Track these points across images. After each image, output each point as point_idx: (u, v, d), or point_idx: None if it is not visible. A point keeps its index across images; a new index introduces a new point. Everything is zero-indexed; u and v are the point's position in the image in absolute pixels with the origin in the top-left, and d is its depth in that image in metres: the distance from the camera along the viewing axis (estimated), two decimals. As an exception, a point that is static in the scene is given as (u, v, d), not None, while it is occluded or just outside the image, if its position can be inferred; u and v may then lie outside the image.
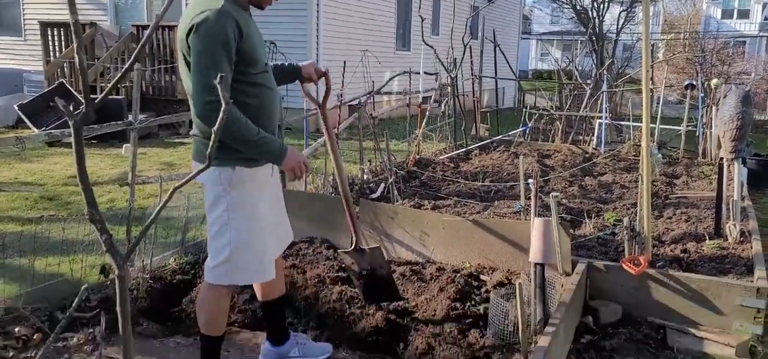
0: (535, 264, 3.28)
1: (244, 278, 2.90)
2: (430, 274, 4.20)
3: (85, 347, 3.26)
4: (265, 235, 2.91)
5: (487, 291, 4.02)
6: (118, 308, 2.32)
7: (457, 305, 3.73)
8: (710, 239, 5.11)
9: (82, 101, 1.61)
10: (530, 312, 3.45)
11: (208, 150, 1.96)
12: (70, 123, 1.60)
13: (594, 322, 4.12)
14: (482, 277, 4.36)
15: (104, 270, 3.91)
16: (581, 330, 4.02)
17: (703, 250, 4.91)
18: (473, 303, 3.82)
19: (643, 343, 3.89)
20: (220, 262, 2.80)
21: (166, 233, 4.99)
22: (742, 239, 5.06)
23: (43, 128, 10.08)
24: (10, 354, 3.12)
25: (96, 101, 1.82)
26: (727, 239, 5.08)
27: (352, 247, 3.70)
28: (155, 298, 3.94)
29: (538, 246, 3.29)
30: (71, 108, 1.61)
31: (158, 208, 2.22)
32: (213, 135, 2.06)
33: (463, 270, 4.40)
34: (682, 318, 4.09)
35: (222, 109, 1.42)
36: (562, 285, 4.03)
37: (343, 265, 3.88)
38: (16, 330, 3.30)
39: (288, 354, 3.32)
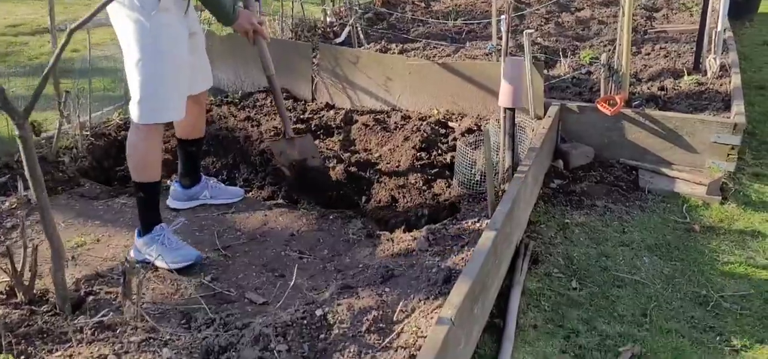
0: (505, 109, 3.03)
1: (170, 113, 2.67)
2: (395, 123, 3.95)
3: (19, 211, 3.01)
4: (184, 69, 2.70)
5: (455, 139, 3.80)
6: (26, 173, 2.05)
7: (423, 155, 3.52)
8: (689, 74, 4.88)
9: None
10: (498, 160, 3.26)
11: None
12: None
13: (564, 166, 3.97)
14: (450, 124, 4.13)
15: (33, 128, 3.58)
16: (551, 174, 3.88)
17: (681, 86, 4.71)
18: (439, 151, 3.61)
19: (614, 186, 3.78)
20: (146, 96, 2.56)
21: (105, 85, 4.59)
22: (721, 73, 4.85)
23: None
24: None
25: None
26: (706, 74, 4.86)
27: (281, 136, 3.40)
28: (98, 156, 3.66)
29: (508, 89, 3.02)
30: None
31: (56, 53, 1.87)
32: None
33: (430, 117, 4.15)
34: (655, 158, 3.96)
35: None
36: (533, 130, 3.82)
37: (272, 155, 3.46)
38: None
39: (198, 196, 3.20)
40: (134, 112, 2.61)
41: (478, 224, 2.90)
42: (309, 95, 4.62)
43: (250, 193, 3.40)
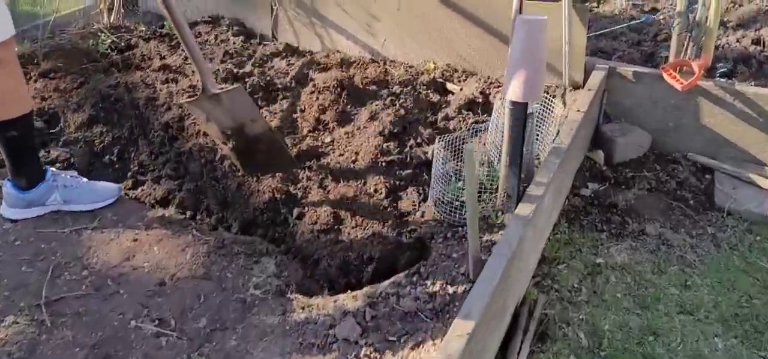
0: (512, 103, 1.84)
1: None
2: (365, 83, 2.77)
3: None
4: None
5: (447, 118, 2.63)
6: None
7: (390, 146, 2.38)
8: (798, 23, 3.50)
9: None
10: (499, 168, 2.10)
11: None
12: None
13: (606, 159, 2.79)
14: (449, 87, 2.94)
15: None
16: (584, 173, 2.71)
17: (786, 42, 3.35)
18: (419, 139, 2.46)
19: (677, 199, 2.59)
20: None
21: None
22: None
23: None
24: None
25: None
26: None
27: (201, 92, 2.19)
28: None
29: (518, 71, 1.80)
30: None
31: None
32: None
33: (422, 75, 2.96)
34: (742, 155, 2.73)
35: None
36: (566, 107, 2.63)
37: (196, 120, 2.42)
38: None
39: (44, 200, 2.15)
40: None
41: (451, 290, 1.81)
42: (268, 30, 3.47)
43: (142, 188, 2.37)
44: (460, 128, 2.55)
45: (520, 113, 1.84)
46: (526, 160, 2.08)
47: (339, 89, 2.64)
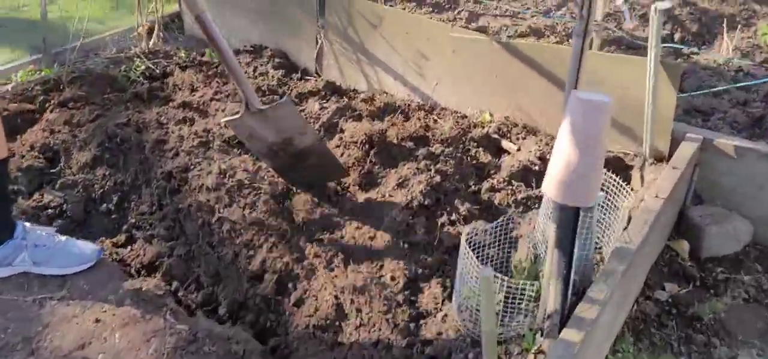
0: (562, 207, 1.37)
1: None
2: (401, 139, 2.38)
3: None
4: None
5: (493, 189, 2.20)
6: None
7: (417, 223, 1.98)
8: None
9: None
10: (544, 278, 1.65)
11: None
12: None
13: (692, 252, 2.25)
14: (504, 145, 2.50)
15: None
16: (661, 268, 2.18)
17: None
18: (454, 217, 2.04)
19: (784, 315, 2.02)
20: None
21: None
22: None
23: None
24: None
25: None
26: None
27: (244, 109, 2.09)
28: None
29: (566, 165, 1.34)
30: None
31: None
32: None
33: (476, 127, 2.54)
34: None
35: None
36: (643, 182, 2.14)
37: (241, 140, 2.31)
38: None
39: (11, 260, 1.87)
40: None
41: None
42: (312, 64, 3.16)
43: (132, 247, 2.10)
44: (507, 204, 2.11)
45: (568, 218, 1.39)
46: (581, 263, 1.62)
47: (367, 146, 2.28)
